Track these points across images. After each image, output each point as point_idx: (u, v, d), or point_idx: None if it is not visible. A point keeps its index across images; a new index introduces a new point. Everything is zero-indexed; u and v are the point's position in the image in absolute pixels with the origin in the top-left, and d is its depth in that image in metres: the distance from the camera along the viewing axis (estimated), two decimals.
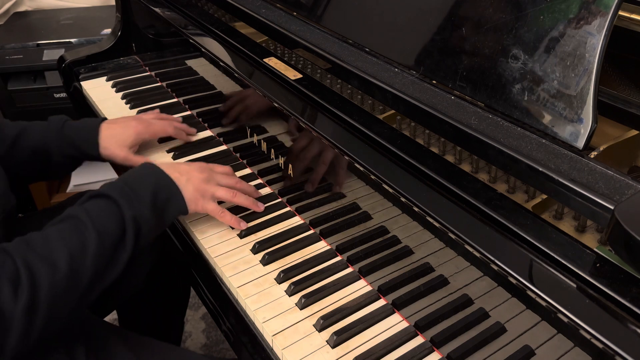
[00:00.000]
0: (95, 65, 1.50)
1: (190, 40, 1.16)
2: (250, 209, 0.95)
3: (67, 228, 0.74)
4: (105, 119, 1.09)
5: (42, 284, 0.68)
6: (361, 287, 0.83)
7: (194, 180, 0.88)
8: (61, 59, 1.50)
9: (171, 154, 1.13)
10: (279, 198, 1.00)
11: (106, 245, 0.75)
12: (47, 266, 0.69)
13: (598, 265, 0.57)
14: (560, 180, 0.62)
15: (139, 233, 0.79)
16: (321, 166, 0.88)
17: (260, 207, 0.95)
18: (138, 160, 1.06)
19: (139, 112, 1.27)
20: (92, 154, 1.05)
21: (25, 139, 1.01)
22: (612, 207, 0.57)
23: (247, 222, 0.93)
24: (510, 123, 0.72)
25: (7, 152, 1.00)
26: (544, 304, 0.57)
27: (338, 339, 0.74)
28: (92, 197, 0.80)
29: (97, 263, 0.73)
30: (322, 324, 0.76)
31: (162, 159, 1.12)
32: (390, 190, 0.74)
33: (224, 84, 1.11)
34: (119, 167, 1.21)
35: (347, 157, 0.80)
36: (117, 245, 0.76)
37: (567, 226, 0.67)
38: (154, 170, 0.85)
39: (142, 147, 1.12)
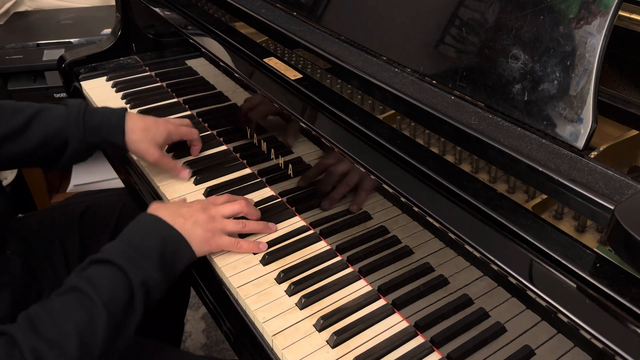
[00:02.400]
0: (95, 65, 1.50)
1: (190, 40, 1.16)
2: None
3: (73, 303, 0.70)
4: (125, 109, 1.03)
5: None
6: (361, 287, 0.83)
7: (200, 221, 0.83)
8: (61, 59, 1.50)
9: (171, 154, 1.13)
10: (279, 198, 1.00)
11: (115, 316, 0.71)
12: (56, 353, 0.65)
13: (598, 265, 0.57)
14: (560, 180, 0.62)
15: (149, 295, 0.76)
16: (344, 187, 0.85)
17: (273, 228, 0.91)
18: (169, 164, 1.02)
19: (138, 112, 1.27)
20: (117, 142, 0.99)
21: (41, 122, 0.96)
22: (612, 207, 0.57)
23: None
24: (510, 123, 0.72)
25: (19, 134, 0.94)
26: (544, 304, 0.57)
27: (338, 339, 0.74)
28: (94, 262, 0.75)
29: (107, 337, 0.70)
30: (322, 324, 0.76)
31: None
32: (390, 190, 0.74)
33: (224, 84, 1.11)
34: (115, 161, 1.19)
35: (347, 157, 0.80)
36: (127, 312, 0.73)
37: (567, 226, 0.67)
38: (157, 224, 0.81)
39: None
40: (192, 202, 0.90)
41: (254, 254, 0.89)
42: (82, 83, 1.42)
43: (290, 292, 0.82)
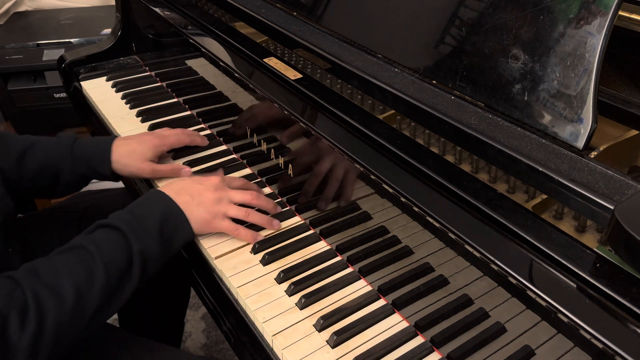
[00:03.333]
0: (95, 65, 1.49)
1: (190, 40, 1.16)
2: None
3: (75, 258, 0.74)
4: (115, 137, 1.06)
5: (48, 316, 0.68)
6: (361, 287, 0.83)
7: (206, 201, 0.86)
8: (61, 59, 1.50)
9: (171, 153, 1.13)
10: (279, 198, 1.00)
11: (112, 278, 0.75)
12: (54, 298, 0.69)
13: (598, 265, 0.57)
14: (560, 180, 0.62)
15: (146, 265, 0.79)
16: (336, 183, 0.86)
17: (276, 225, 0.92)
18: (166, 169, 1.04)
19: (138, 112, 1.28)
20: (104, 172, 1.02)
21: (34, 154, 1.00)
22: (612, 207, 0.57)
23: (247, 222, 0.93)
24: (510, 123, 0.72)
25: (14, 166, 0.98)
26: (544, 304, 0.57)
27: (338, 339, 0.74)
28: (100, 226, 0.80)
29: (103, 295, 0.73)
30: (322, 324, 0.76)
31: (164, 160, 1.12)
32: (390, 190, 0.74)
33: (224, 84, 1.11)
34: (126, 181, 1.20)
35: (347, 157, 0.80)
36: (124, 278, 0.76)
37: (567, 226, 0.67)
38: (161, 199, 0.84)
39: None
40: (209, 178, 0.92)
41: (254, 252, 0.89)
42: (82, 83, 1.42)
43: (290, 292, 0.82)
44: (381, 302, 0.80)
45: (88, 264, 0.74)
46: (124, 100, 1.33)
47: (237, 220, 0.90)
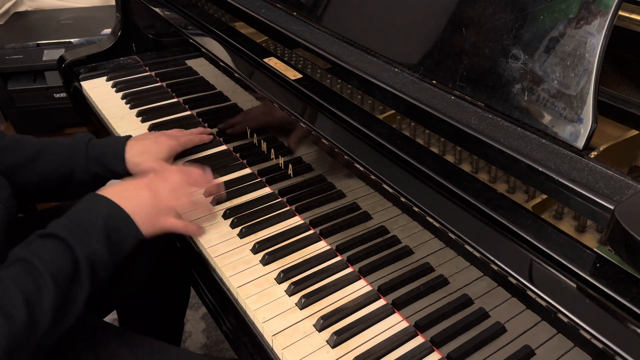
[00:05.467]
0: (95, 65, 1.50)
1: (190, 40, 1.16)
2: (255, 217, 0.95)
3: (20, 273, 0.70)
4: (130, 136, 1.06)
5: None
6: (361, 287, 0.83)
7: (146, 201, 0.84)
8: (61, 59, 1.50)
9: None
10: (279, 198, 1.00)
11: (62, 288, 0.71)
12: (3, 318, 0.65)
13: (598, 265, 0.57)
14: (560, 180, 0.62)
15: (95, 270, 0.76)
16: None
17: (209, 176, 0.95)
18: (175, 169, 1.04)
19: (138, 112, 1.28)
20: (119, 170, 1.02)
21: (47, 157, 0.99)
22: (612, 207, 0.57)
23: (247, 222, 0.93)
24: (510, 123, 0.72)
25: (27, 168, 0.97)
26: (544, 304, 0.57)
27: (338, 339, 0.74)
28: (39, 236, 0.76)
29: (55, 307, 0.70)
30: (322, 324, 0.76)
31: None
32: (390, 190, 0.74)
33: (224, 84, 1.11)
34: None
35: (347, 157, 0.80)
36: (73, 286, 0.73)
37: (567, 226, 0.67)
38: (100, 201, 0.82)
39: None
40: (143, 178, 0.90)
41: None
42: (82, 83, 1.42)
43: (290, 292, 0.82)
44: (381, 302, 0.80)
45: (34, 277, 0.70)
46: (124, 100, 1.33)
47: None
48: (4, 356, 0.64)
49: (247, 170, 1.08)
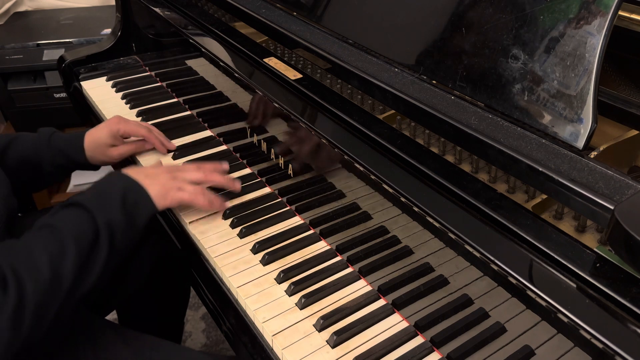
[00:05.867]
0: (95, 65, 1.50)
1: (190, 40, 1.16)
2: (255, 217, 0.95)
3: (45, 235, 0.76)
4: (90, 128, 1.12)
5: (27, 288, 0.70)
6: (361, 287, 0.83)
7: (160, 179, 0.90)
8: (61, 59, 1.50)
9: (171, 154, 1.13)
10: (279, 198, 1.00)
11: (83, 250, 0.77)
12: (31, 271, 0.71)
13: (598, 265, 0.57)
14: (560, 180, 0.62)
15: (113, 236, 0.81)
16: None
17: (237, 184, 0.99)
18: (130, 147, 1.10)
19: (138, 112, 1.28)
20: (80, 160, 1.08)
21: (15, 149, 1.05)
22: (612, 207, 0.57)
23: (247, 222, 0.93)
24: (510, 123, 0.72)
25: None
26: (544, 304, 0.57)
27: (338, 339, 0.74)
28: (63, 207, 0.82)
29: (76, 267, 0.75)
30: (322, 324, 0.76)
31: (162, 159, 1.12)
32: (390, 190, 0.74)
33: (224, 84, 1.11)
34: (119, 166, 1.21)
35: (347, 157, 0.80)
36: (93, 249, 0.78)
37: (567, 226, 0.67)
38: (119, 176, 0.88)
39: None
40: (161, 166, 0.97)
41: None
42: (82, 83, 1.42)
43: (290, 292, 0.82)
44: (381, 302, 0.80)
45: (58, 238, 0.76)
46: (124, 100, 1.33)
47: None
48: (33, 308, 0.70)
49: (247, 170, 1.08)
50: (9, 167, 1.02)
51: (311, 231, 0.92)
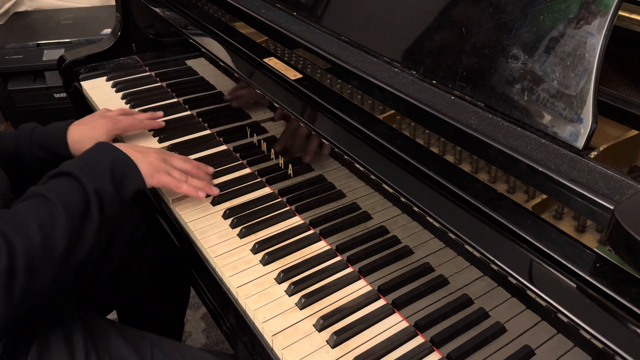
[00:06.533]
0: (95, 65, 1.50)
1: (190, 40, 1.16)
2: (255, 217, 0.95)
3: (34, 203, 0.77)
4: (72, 121, 1.12)
5: (18, 251, 0.71)
6: (361, 287, 0.83)
7: (149, 157, 0.92)
8: (61, 59, 1.50)
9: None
10: (279, 198, 1.00)
11: (73, 217, 0.77)
12: (20, 235, 0.72)
13: (598, 265, 0.57)
14: (560, 180, 0.62)
15: (102, 205, 0.82)
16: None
17: (215, 191, 0.99)
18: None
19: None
20: (64, 154, 1.07)
21: None
22: (612, 207, 0.57)
23: (247, 222, 0.93)
24: (510, 123, 0.72)
25: None
26: (544, 304, 0.57)
27: (338, 339, 0.74)
28: (52, 176, 0.83)
29: (67, 234, 0.76)
30: (322, 324, 0.76)
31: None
32: (390, 190, 0.74)
33: (224, 84, 1.11)
34: None
35: (347, 157, 0.80)
36: (84, 217, 0.79)
37: (567, 226, 0.67)
38: (109, 148, 0.90)
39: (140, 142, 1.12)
40: (151, 147, 0.99)
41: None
42: (82, 83, 1.42)
43: (290, 292, 0.82)
44: (381, 302, 0.80)
45: (47, 206, 0.76)
46: (124, 100, 1.33)
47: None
48: (24, 270, 0.71)
49: (247, 170, 1.08)
50: None
51: (311, 231, 0.92)
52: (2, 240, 0.70)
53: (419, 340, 0.75)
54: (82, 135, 1.07)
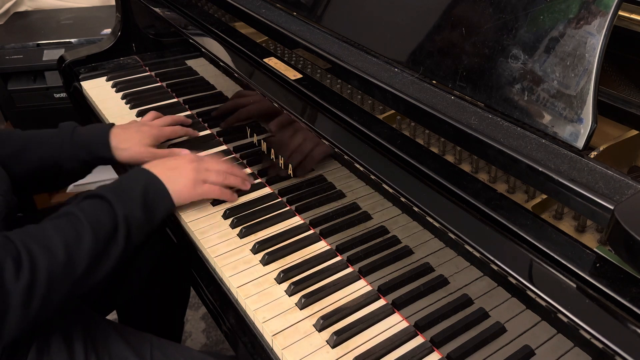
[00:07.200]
0: (95, 65, 1.50)
1: (190, 40, 1.16)
2: (255, 217, 0.95)
3: (63, 222, 0.78)
4: (113, 124, 1.11)
5: (40, 268, 0.72)
6: (361, 287, 0.83)
7: (184, 172, 0.93)
8: (61, 59, 1.50)
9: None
10: (279, 198, 1.00)
11: (100, 240, 0.79)
12: (45, 252, 0.73)
13: (598, 265, 0.57)
14: (560, 180, 0.62)
15: (130, 230, 0.83)
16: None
17: (248, 185, 1.01)
18: (164, 152, 1.09)
19: (138, 112, 1.28)
20: (105, 156, 1.07)
21: (34, 147, 1.03)
22: (612, 207, 0.57)
23: (247, 222, 0.93)
24: (510, 123, 0.72)
25: (15, 162, 1.01)
26: (544, 304, 0.57)
27: (338, 339, 0.74)
28: (86, 197, 0.84)
29: (91, 255, 0.77)
30: (322, 324, 0.76)
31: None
32: (390, 190, 0.74)
33: (224, 84, 1.11)
34: (120, 169, 1.21)
35: (347, 157, 0.80)
36: (110, 241, 0.80)
37: (567, 226, 0.67)
38: (144, 173, 0.90)
39: None
40: (183, 155, 1.00)
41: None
42: (82, 83, 1.42)
43: (290, 292, 0.82)
44: (381, 302, 0.80)
45: (75, 226, 0.78)
46: (124, 100, 1.33)
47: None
48: (44, 287, 0.72)
49: (247, 170, 1.08)
50: (27, 169, 1.02)
51: (311, 231, 0.92)
52: (26, 257, 0.71)
53: (419, 340, 0.75)
54: (127, 136, 1.07)
